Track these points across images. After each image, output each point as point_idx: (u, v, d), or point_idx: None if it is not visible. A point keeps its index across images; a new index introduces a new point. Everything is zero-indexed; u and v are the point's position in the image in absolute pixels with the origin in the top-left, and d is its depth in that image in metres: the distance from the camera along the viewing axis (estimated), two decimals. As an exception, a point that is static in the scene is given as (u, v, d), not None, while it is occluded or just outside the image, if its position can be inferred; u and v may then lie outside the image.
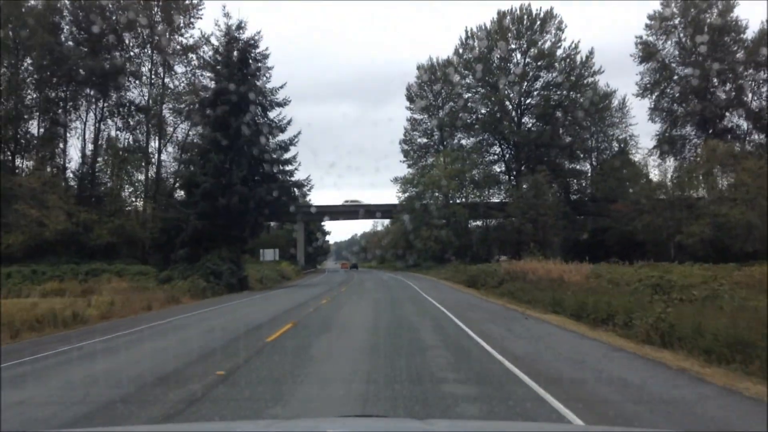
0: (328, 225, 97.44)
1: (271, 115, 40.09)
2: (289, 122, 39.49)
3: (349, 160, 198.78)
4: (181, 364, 9.84)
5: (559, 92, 61.13)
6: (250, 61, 38.59)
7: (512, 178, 64.10)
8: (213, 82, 39.34)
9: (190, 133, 51.60)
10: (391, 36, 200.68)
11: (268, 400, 7.02)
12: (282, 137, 39.84)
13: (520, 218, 54.17)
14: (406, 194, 64.11)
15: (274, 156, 38.61)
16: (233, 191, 36.37)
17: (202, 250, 36.95)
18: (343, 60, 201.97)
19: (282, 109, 39.87)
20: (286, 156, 39.70)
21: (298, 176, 40.52)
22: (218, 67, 38.69)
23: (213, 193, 36.57)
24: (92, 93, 55.55)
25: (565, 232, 55.76)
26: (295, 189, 39.88)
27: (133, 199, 56.84)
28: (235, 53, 38.36)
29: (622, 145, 67.02)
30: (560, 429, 4.84)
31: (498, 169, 65.81)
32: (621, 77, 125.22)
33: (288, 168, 39.87)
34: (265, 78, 39.24)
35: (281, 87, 39.48)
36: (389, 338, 12.65)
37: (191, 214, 36.65)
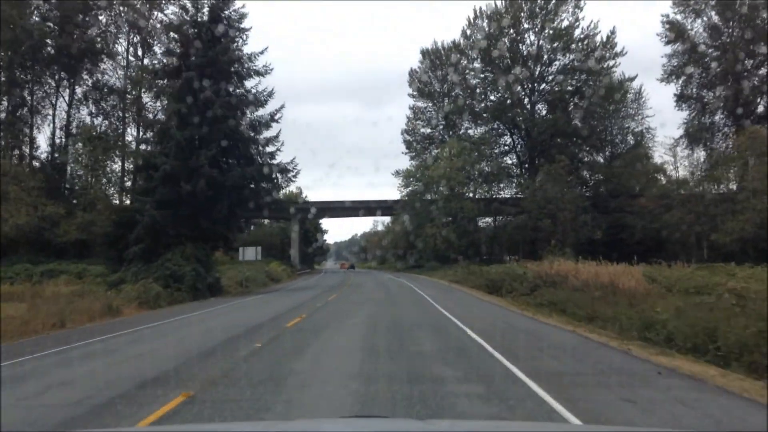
0: (326, 224, 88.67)
1: (249, 84, 31.35)
2: (270, 94, 30.66)
3: (349, 160, 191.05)
4: None
5: (576, 77, 52.17)
6: (223, 19, 29.83)
7: (524, 171, 55.17)
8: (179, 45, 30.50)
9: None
10: (391, 36, 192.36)
11: None
12: (262, 112, 31.03)
13: (537, 213, 45.31)
14: (409, 188, 55.28)
15: (253, 134, 29.86)
16: (200, 174, 27.67)
17: (161, 247, 28.25)
18: (343, 60, 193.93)
19: (262, 78, 31.09)
20: (267, 134, 30.93)
21: (282, 159, 31.61)
22: (184, 27, 29.93)
23: (175, 177, 27.86)
24: (63, 75, 47.09)
25: (585, 229, 46.93)
26: (279, 174, 31.12)
27: (110, 192, 48.37)
28: (206, 10, 29.67)
29: (638, 138, 58.50)
30: (560, 429, 4.28)
31: (509, 161, 56.88)
32: (634, 71, 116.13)
33: (269, 149, 31.07)
34: (241, 40, 30.47)
35: (261, 52, 30.71)
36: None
37: (148, 202, 27.94)
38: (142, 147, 34.94)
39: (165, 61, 31.44)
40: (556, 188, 45.01)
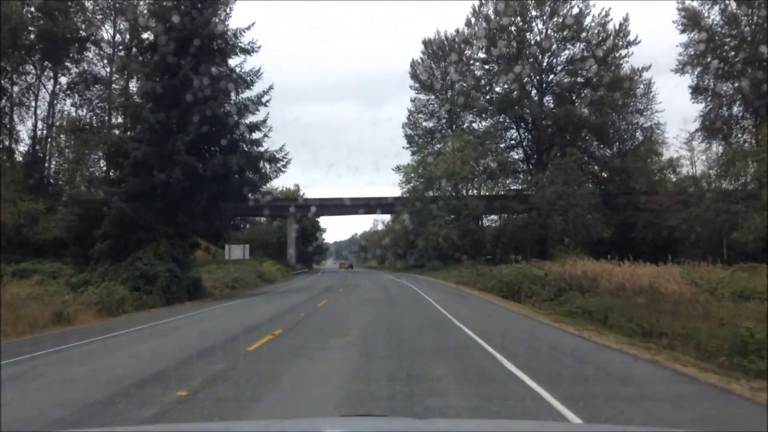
0: (325, 223, 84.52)
1: (234, 63, 27.32)
2: (257, 74, 26.63)
3: (349, 159, 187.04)
4: None
5: (586, 68, 48.02)
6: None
7: (531, 166, 50.97)
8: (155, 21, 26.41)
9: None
10: (392, 36, 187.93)
11: None
12: (249, 94, 26.99)
13: (548, 210, 41.21)
14: (410, 185, 51.17)
15: (236, 118, 25.81)
16: (176, 162, 23.64)
17: (132, 244, 24.21)
18: (343, 60, 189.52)
19: (248, 56, 27.06)
20: (253, 119, 26.87)
21: (270, 147, 27.53)
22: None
23: (148, 165, 23.84)
24: (46, 63, 43.06)
25: (597, 226, 42.88)
26: (266, 163, 27.13)
27: (96, 188, 44.35)
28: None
29: (647, 134, 54.48)
30: (560, 428, 4.08)
31: (516, 156, 52.69)
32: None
33: (256, 136, 27.02)
34: (225, 13, 26.45)
35: (248, 28, 26.69)
36: None
37: (116, 193, 23.91)
38: (115, 132, 30.81)
39: (142, 36, 27.46)
40: (567, 183, 40.94)
